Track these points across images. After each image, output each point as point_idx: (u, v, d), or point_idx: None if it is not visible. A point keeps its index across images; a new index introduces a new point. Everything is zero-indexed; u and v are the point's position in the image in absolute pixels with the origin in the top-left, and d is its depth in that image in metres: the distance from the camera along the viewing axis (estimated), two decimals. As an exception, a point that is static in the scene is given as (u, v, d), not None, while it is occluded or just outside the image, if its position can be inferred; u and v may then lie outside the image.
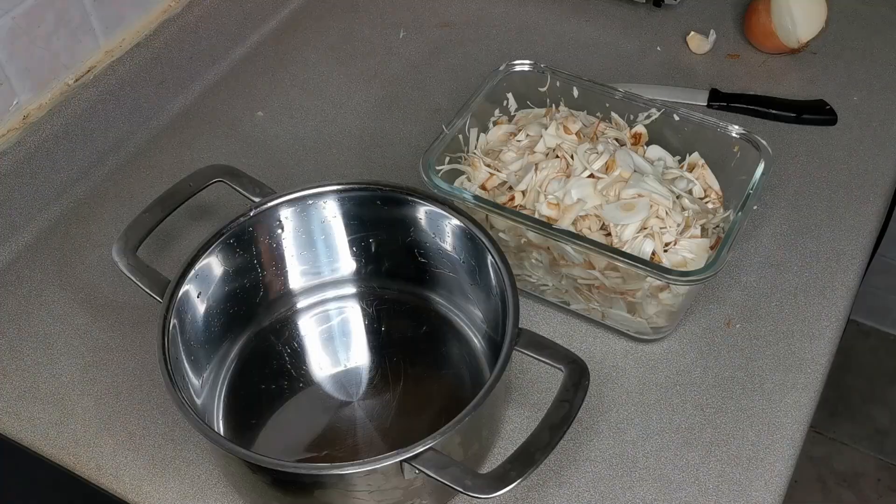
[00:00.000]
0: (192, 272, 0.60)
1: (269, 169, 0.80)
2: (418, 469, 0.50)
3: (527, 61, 0.73)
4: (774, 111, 0.82)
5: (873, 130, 0.82)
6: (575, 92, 0.73)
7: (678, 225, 0.63)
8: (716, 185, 0.67)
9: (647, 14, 0.95)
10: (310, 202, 0.64)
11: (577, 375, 0.53)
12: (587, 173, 0.65)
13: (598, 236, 0.64)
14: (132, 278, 0.61)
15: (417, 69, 0.90)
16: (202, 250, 0.61)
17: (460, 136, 0.70)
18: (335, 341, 0.67)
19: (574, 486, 0.60)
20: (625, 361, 0.67)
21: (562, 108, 0.72)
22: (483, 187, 0.69)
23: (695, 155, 0.68)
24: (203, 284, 0.61)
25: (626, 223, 0.63)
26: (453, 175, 0.70)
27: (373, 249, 0.68)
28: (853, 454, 1.42)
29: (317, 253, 0.67)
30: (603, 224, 0.64)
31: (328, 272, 0.68)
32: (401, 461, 0.50)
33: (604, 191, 0.65)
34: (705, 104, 0.84)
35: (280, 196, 0.64)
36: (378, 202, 0.65)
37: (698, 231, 0.64)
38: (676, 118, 0.70)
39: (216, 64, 0.91)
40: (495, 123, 0.73)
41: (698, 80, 0.88)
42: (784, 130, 0.82)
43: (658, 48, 0.91)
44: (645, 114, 0.71)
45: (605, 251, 0.61)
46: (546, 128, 0.69)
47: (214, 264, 0.62)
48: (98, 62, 0.81)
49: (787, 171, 0.79)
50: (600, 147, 0.67)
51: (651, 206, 0.63)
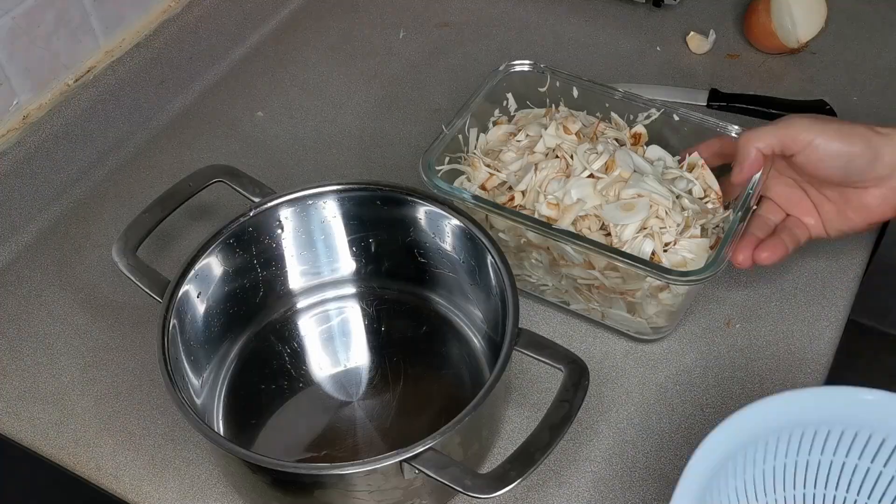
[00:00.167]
0: (192, 272, 0.60)
1: (269, 169, 0.80)
2: (418, 469, 0.50)
3: (526, 61, 0.73)
4: (774, 111, 0.82)
5: (873, 130, 0.82)
6: (575, 92, 0.73)
7: (678, 225, 0.63)
8: (715, 185, 0.67)
9: (647, 14, 0.95)
10: (309, 202, 0.64)
11: (577, 375, 0.53)
12: (587, 173, 0.65)
13: (598, 236, 0.64)
14: (132, 278, 0.61)
15: (417, 69, 0.90)
16: (202, 250, 0.61)
17: (460, 137, 0.70)
18: (335, 341, 0.67)
19: (574, 486, 0.60)
20: (625, 361, 0.67)
21: (561, 109, 0.72)
22: (483, 187, 0.69)
23: (694, 155, 0.68)
24: (203, 284, 0.61)
25: (626, 223, 0.63)
26: (453, 175, 0.70)
27: (373, 249, 0.68)
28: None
29: (317, 253, 0.67)
30: (603, 224, 0.64)
31: (328, 272, 0.68)
32: (401, 461, 0.50)
33: (603, 191, 0.65)
34: (705, 104, 0.84)
35: (280, 196, 0.64)
36: (378, 202, 0.65)
37: (698, 231, 0.64)
38: (676, 118, 0.70)
39: (216, 64, 0.91)
40: (495, 123, 0.73)
41: (698, 80, 0.88)
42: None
43: (658, 48, 0.91)
44: (644, 114, 0.71)
45: (605, 251, 0.61)
46: (546, 128, 0.69)
47: (214, 264, 0.62)
48: (98, 62, 0.81)
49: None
50: (600, 147, 0.67)
51: (651, 206, 0.63)
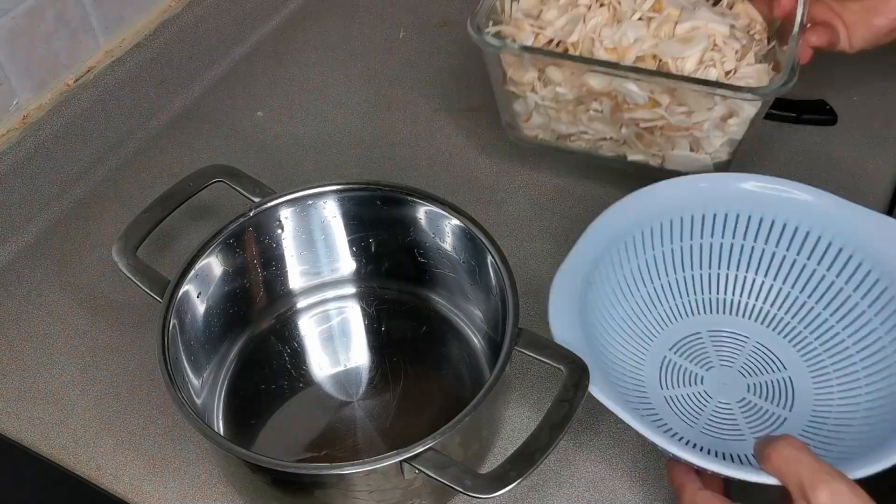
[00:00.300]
0: (192, 272, 0.60)
1: (269, 169, 0.80)
2: (418, 469, 0.50)
3: None
4: (774, 111, 0.82)
5: (873, 130, 0.82)
6: None
7: (736, 52, 0.64)
8: (758, 17, 0.69)
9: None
10: (309, 202, 0.64)
11: (577, 375, 0.53)
12: (637, 16, 0.66)
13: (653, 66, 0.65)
14: (132, 278, 0.61)
15: (417, 69, 0.90)
16: (202, 250, 0.61)
17: (497, 4, 0.71)
18: (335, 341, 0.67)
19: (574, 486, 0.60)
20: (625, 361, 0.67)
21: None
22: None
23: None
24: (203, 284, 0.61)
25: (687, 55, 0.63)
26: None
27: (373, 249, 0.68)
28: (853, 454, 1.42)
29: (317, 253, 0.67)
30: (660, 63, 0.64)
31: (328, 272, 0.68)
32: (401, 461, 0.50)
33: (657, 30, 0.65)
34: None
35: (280, 196, 0.64)
36: (378, 202, 0.65)
37: (753, 58, 0.65)
38: None
39: (216, 64, 0.91)
40: None
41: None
42: (784, 130, 0.82)
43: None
44: None
45: (677, 79, 0.61)
46: None
47: (214, 264, 0.62)
48: (98, 62, 0.81)
49: (787, 172, 0.78)
50: None
51: (708, 38, 0.64)
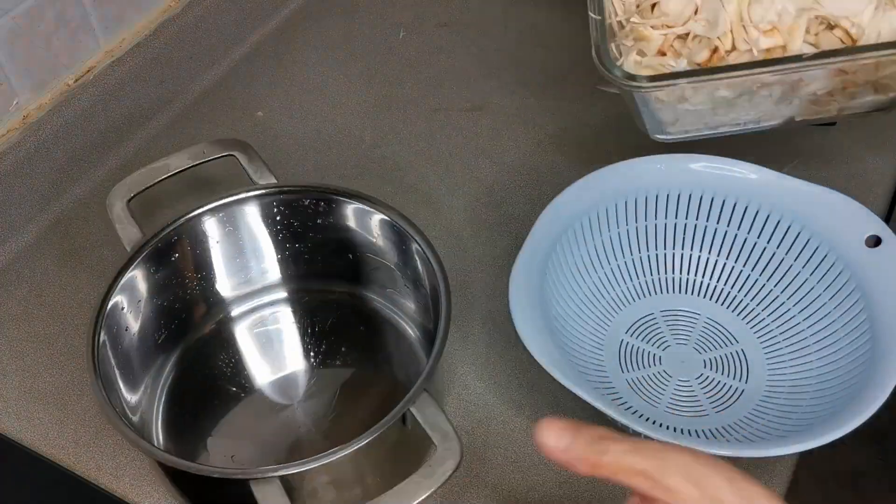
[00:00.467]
0: (120, 284, 0.60)
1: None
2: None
3: None
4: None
5: (873, 130, 0.82)
6: None
7: None
8: None
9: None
10: (234, 208, 0.65)
11: (445, 460, 0.50)
12: None
13: (830, 37, 0.56)
14: (115, 225, 0.62)
15: (417, 69, 0.90)
16: (130, 261, 0.61)
17: (591, 18, 0.61)
18: (271, 346, 0.68)
19: (574, 486, 0.60)
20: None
21: None
22: (661, 52, 0.60)
23: None
24: (132, 296, 0.61)
25: (860, 7, 0.55)
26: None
27: (303, 252, 0.68)
28: (853, 454, 1.42)
29: (246, 259, 0.67)
30: (825, 21, 0.57)
31: (259, 278, 0.69)
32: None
33: None
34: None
35: (205, 204, 0.64)
36: (304, 204, 0.65)
37: None
38: None
39: (216, 64, 0.91)
40: None
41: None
42: (784, 130, 0.82)
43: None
44: None
45: (873, 51, 0.54)
46: None
47: (143, 276, 0.62)
48: (98, 62, 0.81)
49: (788, 172, 0.79)
50: None
51: None
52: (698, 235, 0.68)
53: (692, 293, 0.68)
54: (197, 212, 0.64)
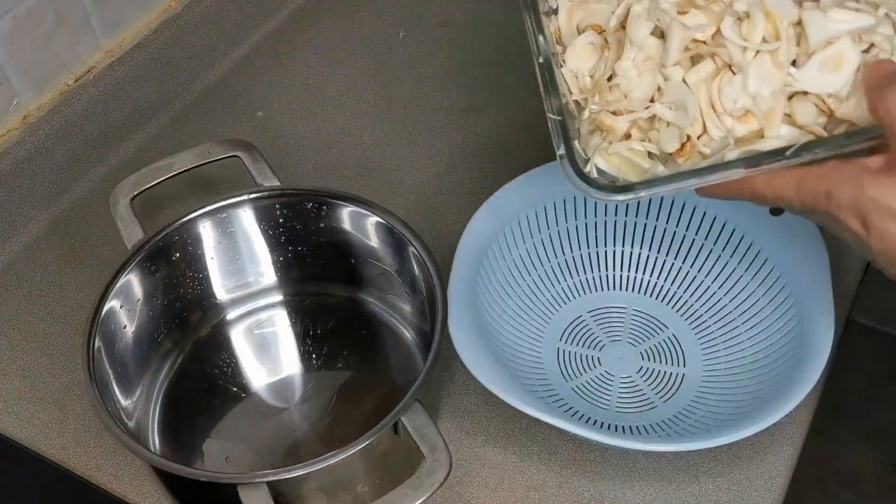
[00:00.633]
0: (117, 286, 0.60)
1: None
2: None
3: None
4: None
5: (873, 130, 0.82)
6: None
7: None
8: None
9: None
10: (231, 211, 0.64)
11: (435, 471, 0.50)
12: (752, 53, 0.47)
13: (807, 107, 0.48)
14: (117, 223, 0.62)
15: (417, 69, 0.90)
16: (125, 265, 0.60)
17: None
18: (268, 349, 0.67)
19: (574, 486, 0.60)
20: (625, 361, 0.67)
21: None
22: (627, 137, 0.52)
23: None
24: (129, 298, 0.61)
25: (841, 83, 0.46)
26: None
27: (299, 255, 0.68)
28: (853, 454, 1.42)
29: (242, 263, 0.67)
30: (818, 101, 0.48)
31: (255, 281, 0.68)
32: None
33: (786, 60, 0.47)
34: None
35: (201, 208, 0.64)
36: (300, 207, 0.65)
37: None
38: None
39: (216, 64, 0.91)
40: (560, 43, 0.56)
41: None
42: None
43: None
44: None
45: (871, 133, 0.45)
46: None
47: (141, 277, 0.62)
48: (98, 62, 0.81)
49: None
50: (738, 5, 0.48)
51: (858, 41, 0.46)
52: (617, 230, 0.69)
53: (617, 288, 0.69)
54: (196, 213, 0.64)
